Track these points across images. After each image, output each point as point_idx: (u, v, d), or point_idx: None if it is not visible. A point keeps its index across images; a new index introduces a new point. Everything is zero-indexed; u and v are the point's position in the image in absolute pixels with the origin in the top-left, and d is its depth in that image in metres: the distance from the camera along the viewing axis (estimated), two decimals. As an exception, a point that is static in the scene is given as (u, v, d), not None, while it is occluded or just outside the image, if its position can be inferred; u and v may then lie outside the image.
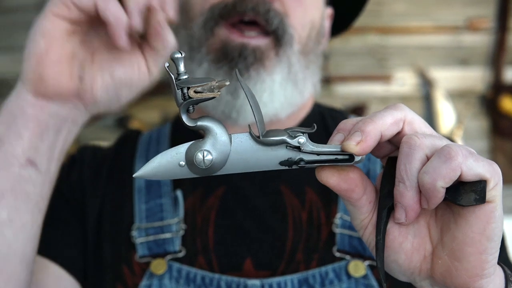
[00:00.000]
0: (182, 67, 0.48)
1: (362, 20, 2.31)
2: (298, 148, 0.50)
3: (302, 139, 0.50)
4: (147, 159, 0.85)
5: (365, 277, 0.74)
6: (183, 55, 0.48)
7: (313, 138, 0.51)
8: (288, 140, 0.49)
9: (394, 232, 0.51)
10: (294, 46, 0.81)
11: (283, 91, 0.80)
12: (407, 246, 0.51)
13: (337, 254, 0.76)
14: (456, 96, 2.30)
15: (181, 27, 0.85)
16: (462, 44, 2.31)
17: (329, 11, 0.94)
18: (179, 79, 0.48)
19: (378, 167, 0.81)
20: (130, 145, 0.90)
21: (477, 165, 0.46)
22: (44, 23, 0.66)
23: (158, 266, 0.76)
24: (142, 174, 0.51)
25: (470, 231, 0.48)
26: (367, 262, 0.75)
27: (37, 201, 0.66)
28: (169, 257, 0.77)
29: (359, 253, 0.76)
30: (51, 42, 0.66)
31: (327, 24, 0.93)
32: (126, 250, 0.79)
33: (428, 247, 0.52)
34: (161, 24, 0.68)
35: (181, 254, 0.77)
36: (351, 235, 0.76)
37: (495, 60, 2.30)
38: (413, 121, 0.51)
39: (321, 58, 0.90)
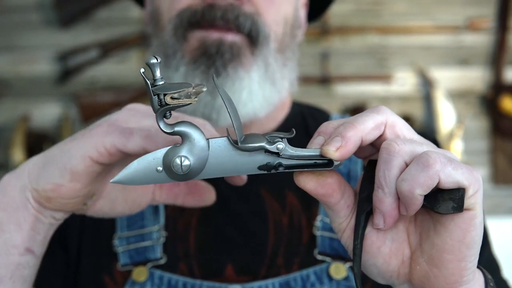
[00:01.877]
0: (158, 73, 0.47)
1: (362, 20, 2.31)
2: (277, 154, 0.50)
3: (281, 145, 0.49)
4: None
5: (346, 279, 0.74)
6: (159, 61, 0.47)
7: (294, 138, 0.51)
8: (267, 146, 0.49)
9: (372, 237, 0.51)
10: (270, 45, 0.80)
11: (261, 90, 0.80)
12: (385, 250, 0.51)
13: (318, 257, 0.76)
14: (456, 96, 2.29)
15: (154, 36, 0.84)
16: (462, 44, 2.31)
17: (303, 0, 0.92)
18: (155, 85, 0.47)
19: (359, 167, 0.80)
20: None
21: (456, 173, 0.46)
22: (77, 164, 0.59)
23: (140, 274, 0.76)
24: (119, 179, 0.51)
25: (449, 238, 0.48)
26: (348, 264, 0.75)
27: (31, 281, 0.66)
28: (150, 264, 0.77)
29: (340, 255, 0.76)
30: (76, 182, 0.60)
31: (302, 14, 0.92)
32: (107, 260, 0.79)
33: (407, 252, 0.52)
34: None
35: (162, 261, 0.77)
36: (332, 237, 0.76)
37: (495, 60, 2.29)
38: (395, 124, 0.51)
39: (298, 53, 0.88)
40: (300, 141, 0.83)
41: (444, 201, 0.47)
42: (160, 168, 0.50)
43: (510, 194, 2.29)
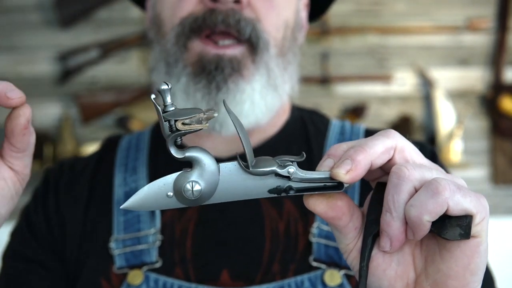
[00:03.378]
0: (169, 99, 0.48)
1: (362, 20, 2.31)
2: (287, 178, 0.50)
3: (292, 169, 0.50)
4: (126, 167, 0.85)
5: (340, 286, 0.75)
6: (169, 87, 0.48)
7: (294, 145, 0.51)
8: (278, 170, 0.50)
9: (378, 259, 0.51)
10: (270, 51, 0.80)
11: (263, 100, 0.80)
12: (391, 273, 0.52)
13: (314, 264, 0.77)
14: (456, 96, 2.29)
15: (156, 42, 0.85)
16: (462, 44, 2.31)
17: (304, 0, 0.92)
18: (166, 111, 0.48)
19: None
20: (110, 153, 0.89)
21: (464, 201, 0.47)
22: None
23: (135, 277, 0.77)
24: (129, 205, 0.51)
25: (455, 265, 0.49)
26: (342, 272, 0.76)
27: None
28: (145, 268, 0.78)
29: (335, 262, 0.76)
30: None
31: (303, 15, 0.92)
32: (104, 262, 0.80)
33: (412, 275, 0.52)
34: (21, 124, 0.59)
35: (158, 265, 0.78)
36: (328, 245, 0.77)
37: (495, 60, 2.29)
38: (404, 148, 0.51)
39: (299, 56, 0.88)
40: (301, 147, 0.83)
41: (452, 227, 0.47)
42: (171, 193, 0.50)
43: (510, 194, 2.30)
